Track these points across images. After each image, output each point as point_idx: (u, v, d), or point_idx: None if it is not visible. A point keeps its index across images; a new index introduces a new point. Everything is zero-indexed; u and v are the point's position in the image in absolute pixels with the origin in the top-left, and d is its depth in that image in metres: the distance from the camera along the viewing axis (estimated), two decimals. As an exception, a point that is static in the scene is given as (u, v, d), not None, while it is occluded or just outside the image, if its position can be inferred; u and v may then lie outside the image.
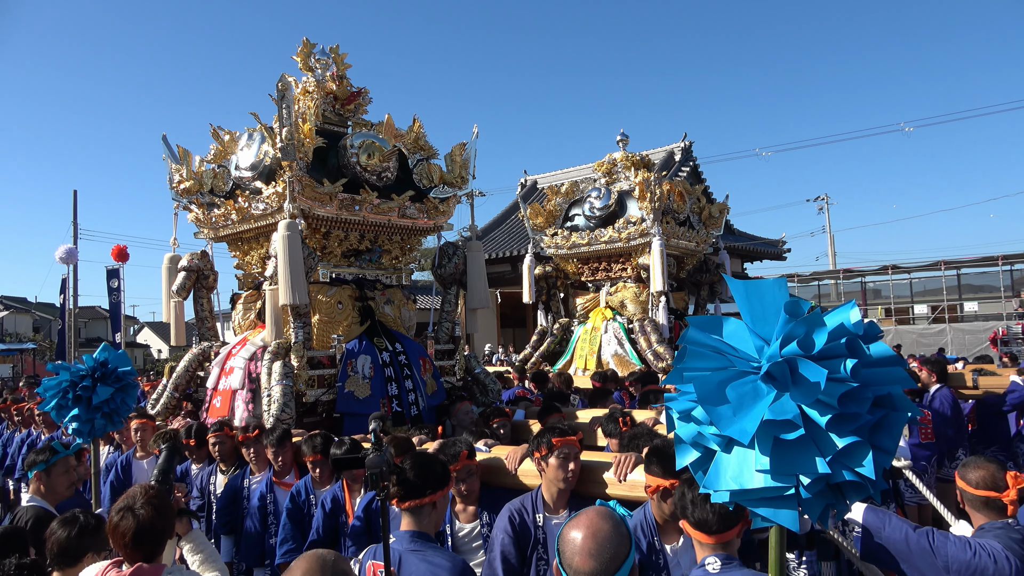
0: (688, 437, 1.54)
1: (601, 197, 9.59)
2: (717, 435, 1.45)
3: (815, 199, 39.12)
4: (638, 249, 9.13)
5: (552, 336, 10.00)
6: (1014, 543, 2.45)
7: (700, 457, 1.54)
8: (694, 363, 1.52)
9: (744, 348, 1.49)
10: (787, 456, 1.39)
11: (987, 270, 24.54)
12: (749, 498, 1.44)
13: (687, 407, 1.52)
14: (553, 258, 10.21)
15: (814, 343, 1.43)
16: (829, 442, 1.38)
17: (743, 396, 1.42)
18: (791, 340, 1.43)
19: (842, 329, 1.45)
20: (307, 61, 6.24)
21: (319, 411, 5.57)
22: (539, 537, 3.06)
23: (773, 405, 1.39)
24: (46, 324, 38.24)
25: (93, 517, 2.70)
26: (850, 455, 1.38)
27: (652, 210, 8.77)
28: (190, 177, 6.37)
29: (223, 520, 4.66)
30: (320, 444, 4.11)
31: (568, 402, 6.76)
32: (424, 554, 2.46)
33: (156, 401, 6.31)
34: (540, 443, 3.16)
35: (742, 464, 1.43)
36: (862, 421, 1.38)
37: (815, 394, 1.38)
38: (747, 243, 23.84)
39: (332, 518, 3.90)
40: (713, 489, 1.47)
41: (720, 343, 1.51)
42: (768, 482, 1.40)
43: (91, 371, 3.90)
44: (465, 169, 6.56)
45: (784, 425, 1.38)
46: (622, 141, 10.16)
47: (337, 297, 5.95)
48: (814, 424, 1.39)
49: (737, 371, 1.47)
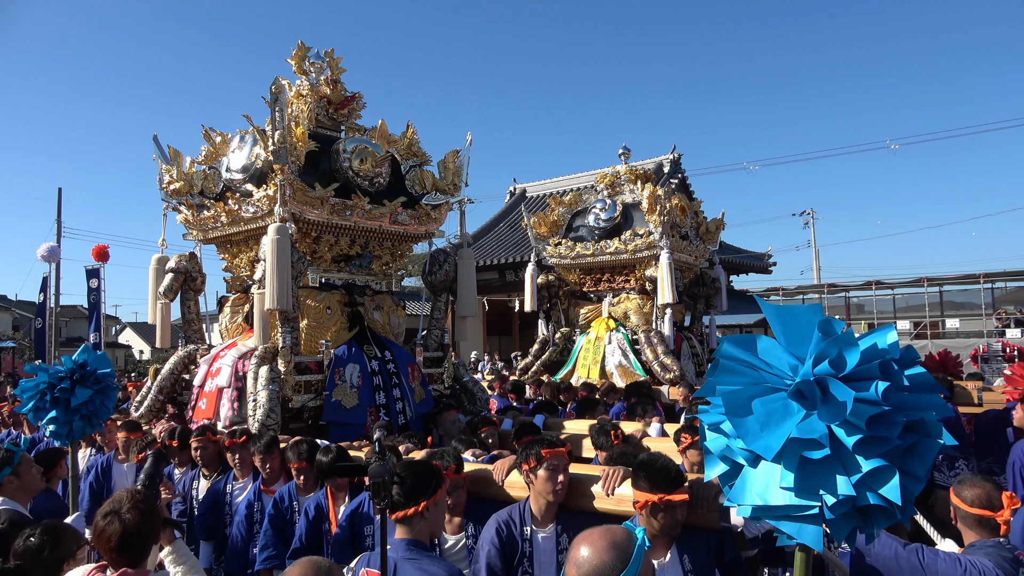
0: (717, 450, 1.53)
1: (607, 209, 9.72)
2: (744, 449, 1.45)
3: (801, 213, 39.40)
4: (643, 261, 9.26)
5: (554, 346, 10.05)
6: (1005, 561, 2.47)
7: (728, 471, 1.53)
8: (727, 377, 1.52)
9: (778, 365, 1.48)
10: (812, 475, 1.38)
11: (969, 287, 24.86)
12: (773, 514, 1.43)
13: (717, 420, 1.51)
14: (555, 268, 10.27)
15: (845, 363, 1.42)
16: (855, 464, 1.37)
17: (772, 412, 1.41)
18: (823, 359, 1.43)
19: (875, 351, 1.44)
20: (301, 64, 6.23)
21: (305, 417, 5.52)
22: (525, 550, 3.05)
23: (801, 424, 1.38)
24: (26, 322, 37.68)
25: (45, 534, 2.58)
26: (876, 478, 1.36)
27: (661, 223, 8.90)
28: (180, 178, 6.33)
29: (204, 526, 4.60)
30: (306, 451, 4.08)
31: (556, 412, 6.75)
32: (420, 562, 2.44)
33: (140, 403, 6.23)
34: (529, 455, 3.14)
35: (768, 480, 1.43)
36: (892, 445, 1.37)
37: (842, 415, 1.37)
38: (733, 255, 24.00)
39: (315, 526, 3.87)
40: (738, 503, 1.47)
41: (754, 359, 1.50)
42: (792, 499, 1.39)
43: (69, 373, 3.84)
44: (458, 176, 6.56)
45: (810, 444, 1.38)
46: (624, 154, 10.39)
47: (326, 302, 5.91)
48: (841, 445, 1.38)
49: (768, 387, 1.46)
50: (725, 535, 2.84)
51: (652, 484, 2.72)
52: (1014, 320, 23.74)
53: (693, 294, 10.36)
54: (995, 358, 17.92)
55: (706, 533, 2.86)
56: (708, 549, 2.82)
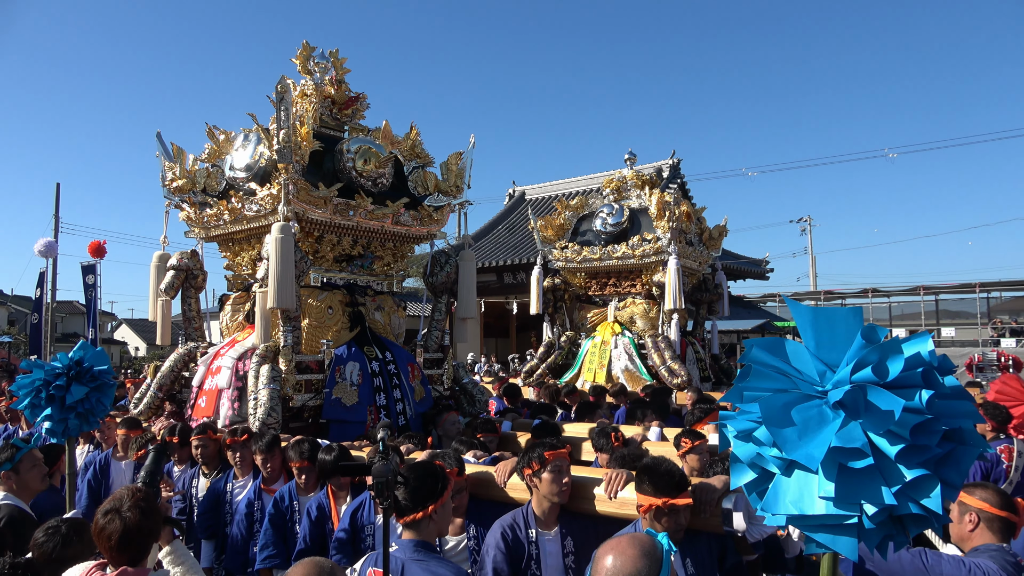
0: (746, 457, 1.50)
1: (614, 214, 9.78)
2: (778, 457, 1.42)
3: (798, 220, 39.66)
4: (650, 266, 9.33)
5: (560, 349, 10.08)
6: (1008, 565, 2.51)
7: (756, 478, 1.50)
8: (757, 383, 1.49)
9: (807, 371, 1.46)
10: (852, 484, 1.36)
11: (964, 297, 25.04)
12: (808, 523, 1.41)
13: (747, 427, 1.48)
14: (560, 271, 10.32)
15: (888, 371, 1.39)
16: (897, 473, 1.36)
17: (808, 420, 1.39)
18: (864, 366, 1.40)
19: (918, 359, 1.42)
20: (306, 64, 6.24)
21: (305, 416, 5.52)
22: (532, 553, 3.05)
23: (841, 432, 1.36)
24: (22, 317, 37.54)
25: (75, 526, 2.62)
26: (917, 488, 1.35)
27: (670, 229, 8.96)
28: (183, 175, 6.32)
29: (204, 524, 4.59)
30: (307, 450, 4.07)
31: (555, 415, 6.76)
32: (427, 564, 2.45)
33: (139, 400, 6.22)
34: (531, 458, 3.15)
35: (803, 489, 1.40)
36: (931, 454, 1.36)
37: (888, 424, 1.35)
38: (731, 261, 24.03)
39: (318, 526, 3.86)
40: (771, 512, 1.44)
41: (785, 365, 1.47)
42: (831, 509, 1.37)
43: (66, 370, 3.77)
44: (460, 178, 6.57)
45: (852, 453, 1.36)
46: (630, 160, 10.44)
47: (328, 302, 5.91)
48: (882, 454, 1.36)
49: (802, 394, 1.44)
50: (727, 540, 2.85)
51: (656, 488, 2.73)
52: (1009, 330, 23.89)
53: (696, 300, 10.46)
54: (990, 367, 17.99)
55: (708, 537, 2.87)
56: (710, 553, 2.83)
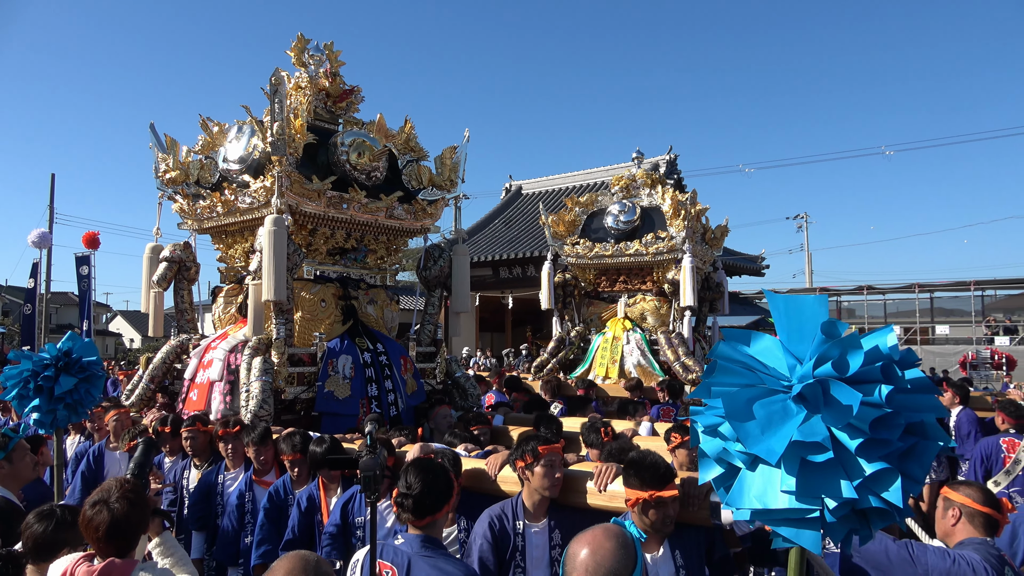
0: (713, 452, 1.50)
1: (626, 211, 9.79)
2: (743, 452, 1.43)
3: (794, 217, 39.63)
4: (663, 264, 9.39)
5: (571, 344, 10.11)
6: (992, 558, 2.57)
7: (724, 473, 1.50)
8: (723, 378, 1.49)
9: (775, 365, 1.45)
10: (813, 478, 1.37)
11: (959, 294, 25.12)
12: (772, 518, 1.42)
13: (713, 422, 1.48)
14: (570, 267, 10.35)
15: (848, 365, 1.40)
16: (857, 467, 1.36)
17: (772, 415, 1.39)
18: (825, 361, 1.40)
19: (877, 353, 1.42)
20: (301, 57, 6.22)
21: (297, 408, 5.53)
22: (518, 544, 3.08)
23: (802, 426, 1.37)
24: (16, 308, 37.40)
25: (70, 511, 2.63)
26: (878, 481, 1.36)
27: (684, 228, 9.02)
28: (176, 167, 6.30)
29: (195, 516, 4.58)
30: (299, 443, 4.08)
31: (547, 409, 6.78)
32: (435, 560, 2.43)
33: (131, 392, 6.21)
34: (524, 451, 3.17)
35: (767, 483, 1.41)
36: (892, 448, 1.36)
37: (847, 418, 1.35)
38: (727, 257, 24.06)
39: (308, 517, 3.87)
40: (736, 507, 1.45)
41: (750, 359, 1.48)
42: (793, 503, 1.37)
43: (54, 360, 3.76)
44: (455, 172, 6.57)
45: (812, 447, 1.36)
46: (637, 158, 10.48)
47: (320, 295, 5.91)
48: (843, 448, 1.36)
49: (766, 389, 1.44)
50: (715, 533, 2.88)
51: (642, 481, 2.76)
52: (1003, 328, 24.00)
53: (699, 297, 10.49)
54: (983, 365, 18.08)
55: (696, 530, 2.89)
56: (699, 545, 2.86)
